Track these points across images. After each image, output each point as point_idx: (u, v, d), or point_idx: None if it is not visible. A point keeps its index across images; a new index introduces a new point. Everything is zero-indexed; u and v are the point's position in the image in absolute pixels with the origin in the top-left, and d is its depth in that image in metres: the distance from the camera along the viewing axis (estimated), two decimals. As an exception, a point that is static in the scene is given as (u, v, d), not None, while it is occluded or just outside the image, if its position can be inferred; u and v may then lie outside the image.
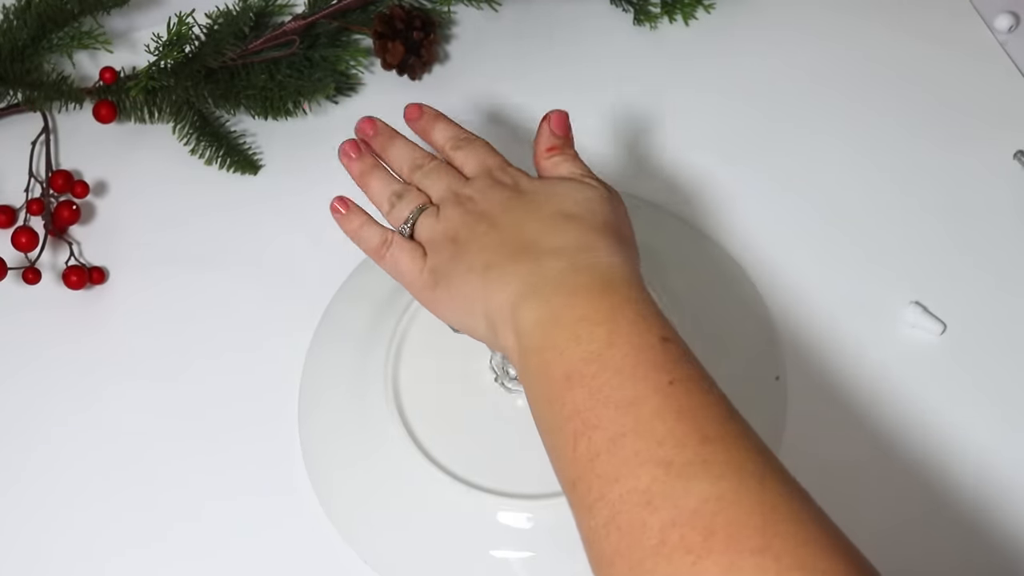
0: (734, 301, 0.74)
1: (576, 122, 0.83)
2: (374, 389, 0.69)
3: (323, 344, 0.75)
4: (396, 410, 0.68)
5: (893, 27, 0.87)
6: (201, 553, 0.69)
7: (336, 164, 0.83)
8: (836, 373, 0.71)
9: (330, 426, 0.71)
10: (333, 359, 0.73)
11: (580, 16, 0.89)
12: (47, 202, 0.81)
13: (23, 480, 0.73)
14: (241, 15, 0.83)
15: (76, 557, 0.70)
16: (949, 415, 0.69)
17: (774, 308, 0.74)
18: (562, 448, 0.50)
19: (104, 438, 0.74)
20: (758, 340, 0.71)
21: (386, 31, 0.84)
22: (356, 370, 0.71)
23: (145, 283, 0.80)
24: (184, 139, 0.84)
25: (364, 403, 0.69)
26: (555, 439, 0.51)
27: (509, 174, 0.62)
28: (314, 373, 0.74)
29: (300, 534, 0.69)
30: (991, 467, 0.67)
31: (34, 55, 0.84)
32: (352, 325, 0.74)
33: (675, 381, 0.49)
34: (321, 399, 0.73)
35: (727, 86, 0.85)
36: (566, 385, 0.50)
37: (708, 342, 0.62)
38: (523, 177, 0.62)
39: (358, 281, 0.77)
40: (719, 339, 0.69)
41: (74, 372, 0.76)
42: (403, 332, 0.71)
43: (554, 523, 0.64)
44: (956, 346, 0.72)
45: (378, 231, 0.62)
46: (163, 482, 0.72)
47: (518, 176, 0.62)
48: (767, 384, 0.70)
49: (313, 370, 0.74)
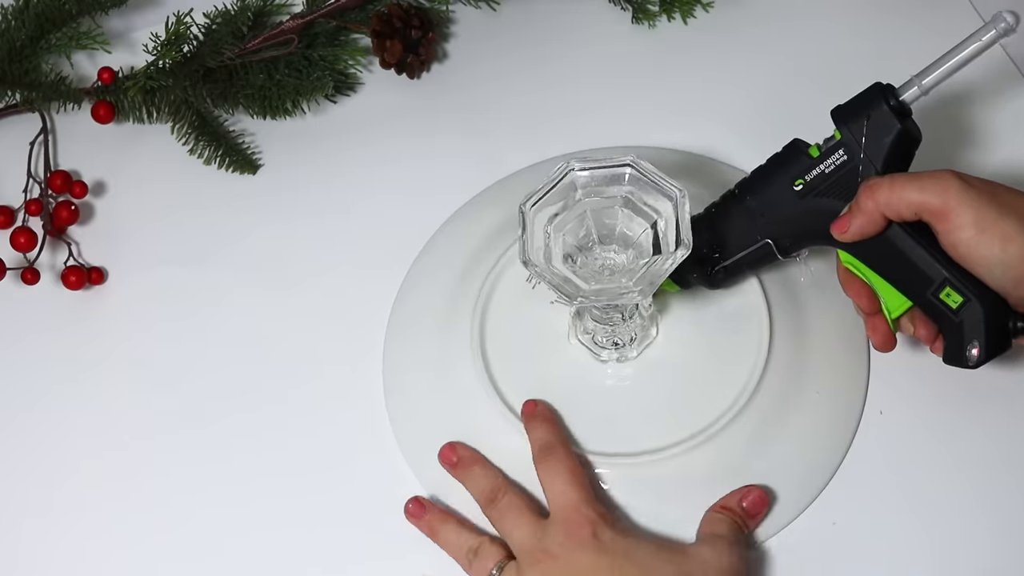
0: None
1: (576, 121, 0.84)
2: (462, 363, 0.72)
3: (401, 331, 0.76)
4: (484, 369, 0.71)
5: (893, 27, 0.86)
6: (197, 557, 0.69)
7: (335, 164, 0.84)
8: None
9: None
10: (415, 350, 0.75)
11: (579, 15, 0.89)
12: (46, 202, 0.81)
13: (23, 480, 0.73)
14: (239, 14, 0.83)
15: (76, 557, 0.70)
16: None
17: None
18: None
19: (104, 438, 0.74)
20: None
21: (384, 30, 0.84)
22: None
23: (144, 283, 0.80)
24: (183, 139, 0.84)
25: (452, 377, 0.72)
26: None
27: (586, 521, 0.63)
28: (395, 354, 0.75)
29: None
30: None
31: (32, 55, 0.84)
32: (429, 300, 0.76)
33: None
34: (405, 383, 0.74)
35: (726, 85, 0.85)
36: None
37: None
38: (604, 527, 0.63)
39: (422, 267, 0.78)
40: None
41: (73, 372, 0.76)
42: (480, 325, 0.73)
43: (626, 480, 0.67)
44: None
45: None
46: (164, 482, 0.72)
47: (598, 524, 0.63)
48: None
49: (394, 352, 0.75)
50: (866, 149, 0.63)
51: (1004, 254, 0.59)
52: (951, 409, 0.70)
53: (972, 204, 0.59)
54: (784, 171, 0.66)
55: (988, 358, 0.61)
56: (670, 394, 0.70)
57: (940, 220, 0.60)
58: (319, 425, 0.73)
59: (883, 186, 0.61)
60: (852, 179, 0.64)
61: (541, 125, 0.84)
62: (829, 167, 0.64)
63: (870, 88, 0.65)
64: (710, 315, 0.72)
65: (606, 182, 0.64)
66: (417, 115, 0.86)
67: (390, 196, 0.82)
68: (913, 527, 0.67)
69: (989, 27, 0.61)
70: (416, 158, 0.83)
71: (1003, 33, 0.61)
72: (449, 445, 0.69)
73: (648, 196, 0.64)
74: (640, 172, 0.63)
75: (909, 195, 0.61)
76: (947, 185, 0.60)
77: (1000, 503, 0.67)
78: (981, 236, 0.59)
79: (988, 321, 0.61)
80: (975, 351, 0.61)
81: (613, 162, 0.64)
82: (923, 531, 0.67)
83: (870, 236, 0.63)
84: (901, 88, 0.64)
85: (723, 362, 0.70)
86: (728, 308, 0.72)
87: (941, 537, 0.67)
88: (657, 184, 0.63)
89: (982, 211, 0.59)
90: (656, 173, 0.63)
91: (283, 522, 0.70)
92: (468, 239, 0.77)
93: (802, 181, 0.65)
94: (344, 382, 0.74)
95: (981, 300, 0.61)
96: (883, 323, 0.65)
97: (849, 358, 0.72)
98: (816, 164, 0.65)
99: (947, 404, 0.71)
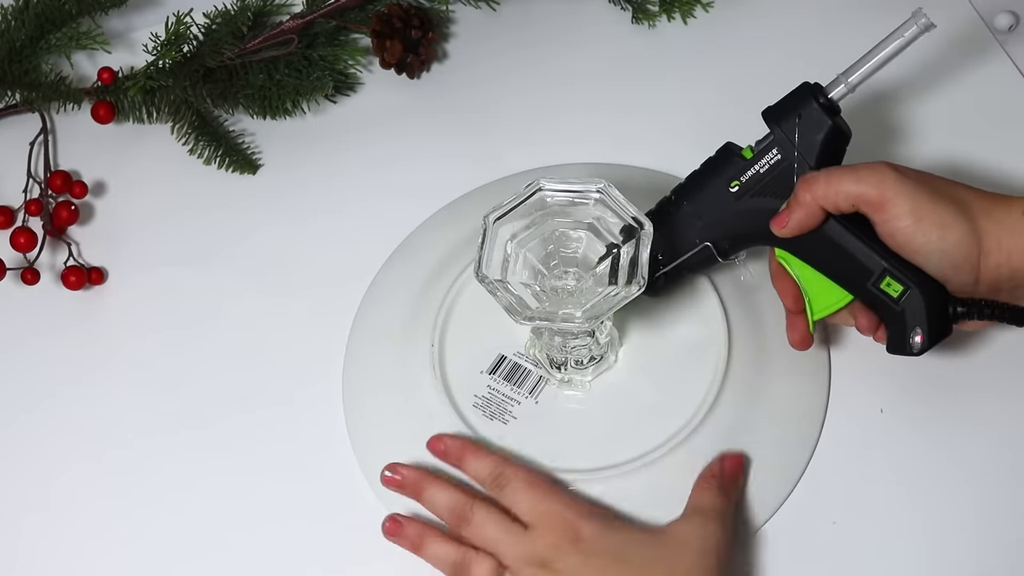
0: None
1: (575, 120, 0.84)
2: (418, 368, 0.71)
3: (360, 340, 0.75)
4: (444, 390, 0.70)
5: (892, 27, 0.86)
6: (196, 551, 0.69)
7: (334, 164, 0.84)
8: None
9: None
10: (373, 354, 0.75)
11: (578, 14, 0.89)
12: (46, 202, 0.81)
13: (23, 479, 0.73)
14: (239, 14, 0.83)
15: (78, 554, 0.70)
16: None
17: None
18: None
19: (105, 438, 0.74)
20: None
21: (384, 30, 0.84)
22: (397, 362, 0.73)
23: (144, 283, 0.80)
24: (183, 139, 0.84)
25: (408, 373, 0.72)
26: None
27: (567, 524, 0.63)
28: (354, 363, 0.75)
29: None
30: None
31: (32, 56, 0.84)
32: (385, 323, 0.75)
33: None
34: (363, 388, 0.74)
35: (726, 85, 0.85)
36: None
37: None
38: (584, 525, 0.63)
39: (387, 277, 0.78)
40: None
41: (73, 372, 0.76)
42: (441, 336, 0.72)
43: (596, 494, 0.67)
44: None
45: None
46: (164, 482, 0.72)
47: (578, 524, 0.63)
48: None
49: (353, 361, 0.75)
50: (799, 147, 0.64)
51: (942, 242, 0.60)
52: (952, 408, 0.70)
53: (908, 194, 0.60)
54: (719, 174, 0.67)
55: (931, 344, 0.62)
56: (630, 410, 0.70)
57: (877, 210, 0.61)
58: (320, 423, 0.73)
59: (820, 179, 0.62)
60: (787, 177, 0.65)
61: (541, 125, 0.84)
62: (764, 167, 0.65)
63: (799, 88, 0.66)
64: (667, 330, 0.72)
65: (574, 204, 0.64)
66: (417, 115, 0.86)
67: (390, 196, 0.82)
68: (913, 526, 0.67)
69: (911, 23, 0.63)
70: (416, 158, 0.83)
71: (924, 29, 0.63)
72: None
73: (614, 224, 0.64)
74: (609, 199, 0.63)
75: (846, 187, 0.62)
76: (883, 176, 0.61)
77: (1000, 502, 0.68)
78: (919, 225, 0.60)
79: (930, 308, 0.62)
80: (918, 338, 0.62)
81: (583, 185, 0.64)
82: (920, 528, 0.67)
83: (809, 230, 0.64)
84: (829, 86, 0.65)
85: (683, 371, 0.70)
86: (686, 314, 0.72)
87: (938, 532, 0.67)
88: (623, 215, 0.63)
89: (919, 200, 0.60)
90: (624, 204, 0.63)
91: (284, 517, 0.70)
92: (432, 250, 0.77)
93: (738, 183, 0.66)
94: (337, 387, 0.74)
95: (921, 288, 0.62)
96: (803, 323, 0.67)
97: (810, 357, 0.71)
98: (751, 165, 0.66)
99: (947, 403, 0.71)
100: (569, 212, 0.65)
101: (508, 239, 0.64)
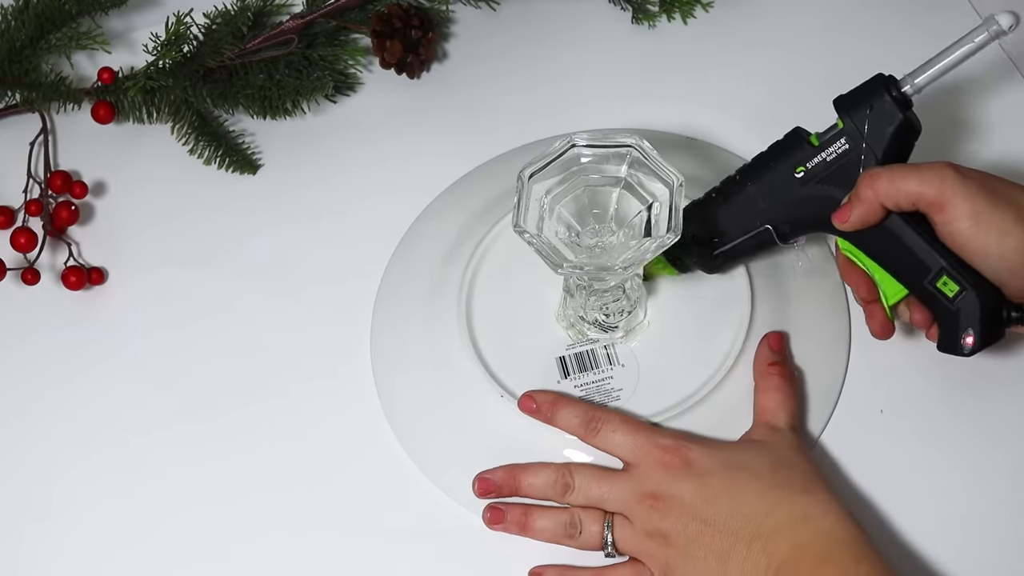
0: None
1: (575, 120, 0.84)
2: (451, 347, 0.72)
3: (385, 321, 0.76)
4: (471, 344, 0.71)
5: (892, 27, 0.86)
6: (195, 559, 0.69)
7: (334, 164, 0.84)
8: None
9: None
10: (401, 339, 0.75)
11: (578, 14, 0.89)
12: (46, 203, 0.81)
13: (23, 480, 0.73)
14: (239, 15, 0.83)
15: (79, 553, 0.70)
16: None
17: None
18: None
19: (104, 438, 0.74)
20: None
21: (384, 30, 0.84)
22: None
23: (144, 283, 0.80)
24: (183, 139, 0.84)
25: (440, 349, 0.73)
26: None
27: (670, 451, 0.64)
28: (381, 344, 0.75)
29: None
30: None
31: (32, 56, 0.84)
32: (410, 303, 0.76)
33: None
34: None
35: (726, 85, 0.85)
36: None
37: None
38: (689, 449, 0.64)
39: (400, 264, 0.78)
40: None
41: (73, 372, 0.76)
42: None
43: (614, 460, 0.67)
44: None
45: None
46: (164, 481, 0.72)
47: (683, 449, 0.64)
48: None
49: (380, 343, 0.75)
50: (868, 139, 0.64)
51: (1000, 247, 0.60)
52: (951, 407, 0.71)
53: (968, 196, 0.60)
54: (786, 158, 0.66)
55: (982, 346, 0.62)
56: (660, 365, 0.71)
57: (937, 211, 0.61)
58: (321, 422, 0.73)
59: (883, 177, 0.62)
60: (853, 168, 0.64)
61: (541, 124, 0.84)
62: (831, 155, 0.65)
63: (872, 79, 0.65)
64: (696, 297, 0.73)
65: (607, 160, 0.65)
66: (417, 115, 0.86)
67: (390, 195, 0.82)
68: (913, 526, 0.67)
69: (981, 29, 0.62)
70: (416, 157, 0.83)
71: (995, 36, 0.62)
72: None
73: (646, 179, 0.64)
74: (642, 154, 0.63)
75: (908, 186, 0.61)
76: (944, 176, 0.61)
77: (998, 502, 0.68)
78: (978, 228, 0.60)
79: (984, 310, 0.61)
80: (970, 339, 0.62)
81: (616, 141, 0.64)
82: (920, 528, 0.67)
83: (870, 226, 0.63)
84: (902, 80, 0.64)
85: (704, 339, 0.71)
86: (712, 292, 0.73)
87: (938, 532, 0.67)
88: (657, 168, 0.63)
89: (978, 204, 0.60)
90: (657, 157, 0.63)
91: (285, 519, 0.70)
92: (447, 227, 0.78)
93: (803, 168, 0.66)
94: (348, 380, 0.75)
95: (977, 290, 0.62)
96: (880, 311, 0.66)
97: (831, 342, 0.72)
98: (818, 152, 0.65)
99: (947, 402, 0.71)
100: (601, 169, 0.65)
101: (543, 195, 0.64)
